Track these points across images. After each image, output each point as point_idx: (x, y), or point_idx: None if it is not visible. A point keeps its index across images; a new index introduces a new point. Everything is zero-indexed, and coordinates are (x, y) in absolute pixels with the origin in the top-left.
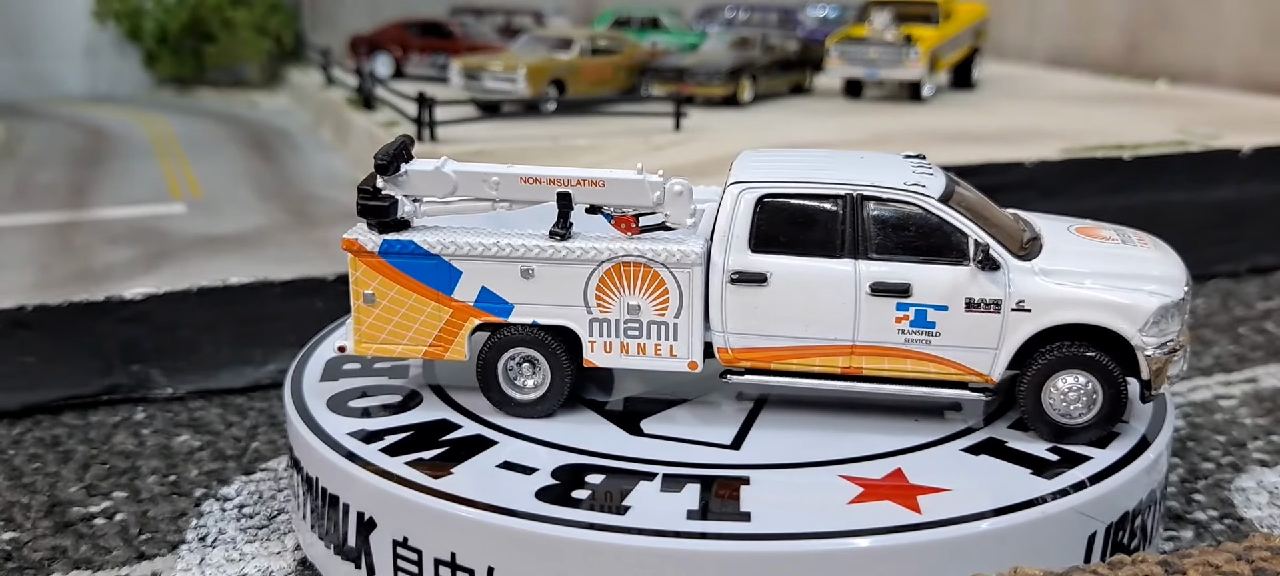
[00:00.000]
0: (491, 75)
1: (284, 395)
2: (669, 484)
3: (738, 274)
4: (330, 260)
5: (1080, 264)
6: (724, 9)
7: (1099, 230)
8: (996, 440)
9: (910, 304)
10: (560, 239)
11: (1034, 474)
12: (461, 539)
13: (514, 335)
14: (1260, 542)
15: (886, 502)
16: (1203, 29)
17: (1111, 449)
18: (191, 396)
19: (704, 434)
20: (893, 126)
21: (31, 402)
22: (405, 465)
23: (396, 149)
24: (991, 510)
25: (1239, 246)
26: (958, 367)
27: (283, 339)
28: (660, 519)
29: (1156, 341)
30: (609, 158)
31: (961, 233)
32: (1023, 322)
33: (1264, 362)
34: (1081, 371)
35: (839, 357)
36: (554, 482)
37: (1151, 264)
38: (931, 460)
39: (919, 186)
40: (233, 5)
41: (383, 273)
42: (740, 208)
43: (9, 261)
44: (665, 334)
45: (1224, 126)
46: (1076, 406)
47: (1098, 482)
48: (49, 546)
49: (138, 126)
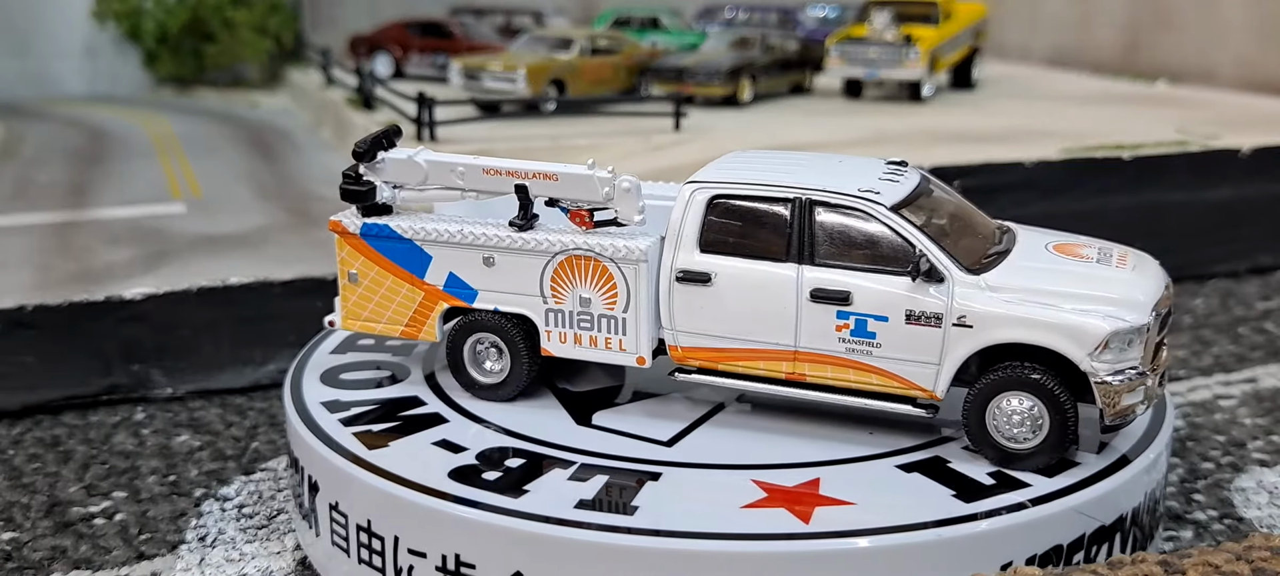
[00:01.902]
0: (491, 75)
1: (284, 395)
2: (581, 473)
3: (683, 272)
4: (330, 260)
5: (1035, 281)
6: (724, 9)
7: (1079, 247)
8: (940, 459)
9: (850, 312)
10: (519, 229)
11: (957, 497)
12: (375, 508)
13: (478, 320)
14: (1260, 542)
15: (780, 510)
16: (1202, 29)
17: (1110, 450)
18: (191, 396)
19: (648, 429)
20: (892, 126)
21: (31, 402)
22: (351, 435)
23: (376, 137)
24: (880, 528)
25: (1239, 246)
26: (900, 381)
27: (283, 339)
28: (548, 505)
29: (1110, 368)
30: (609, 157)
31: (908, 242)
32: (964, 339)
33: (1263, 362)
34: (1027, 394)
35: (783, 363)
36: (474, 463)
37: (1117, 286)
38: (857, 473)
39: (871, 193)
40: (233, 5)
41: (364, 253)
42: (692, 207)
43: (9, 261)
44: (615, 328)
45: (1224, 126)
46: (1021, 431)
47: (1071, 493)
48: (49, 546)
49: (138, 126)
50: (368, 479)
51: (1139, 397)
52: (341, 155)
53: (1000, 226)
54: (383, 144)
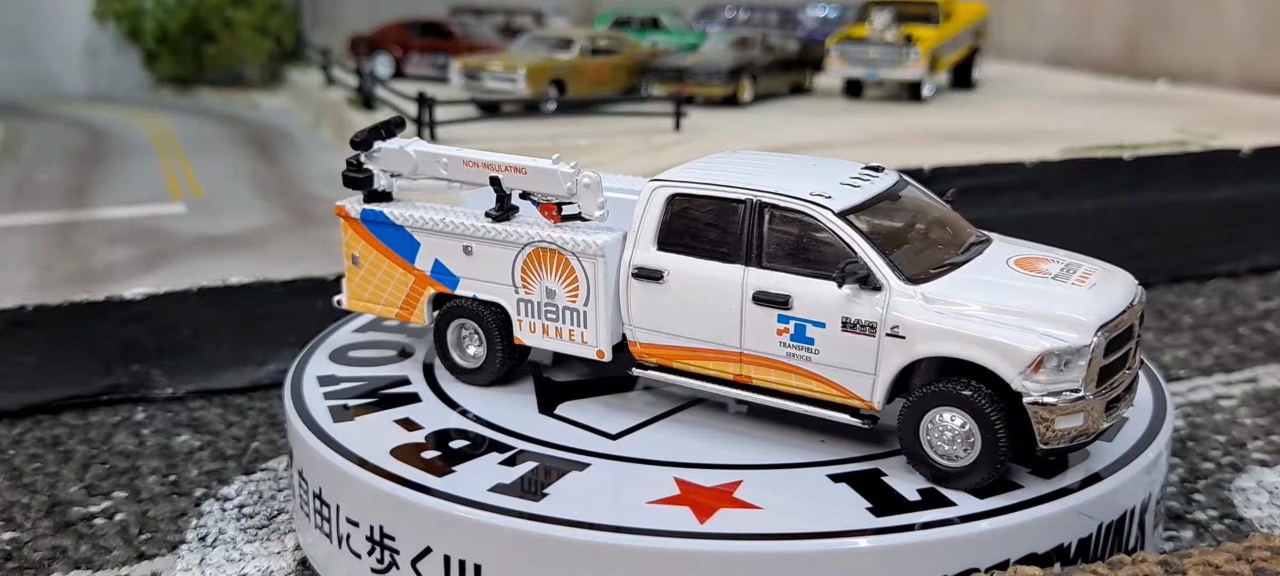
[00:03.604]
0: (491, 75)
1: (284, 395)
2: (515, 459)
3: (639, 269)
4: (331, 260)
5: (976, 294)
6: (724, 9)
7: (1041, 261)
8: (877, 472)
9: (791, 317)
10: (495, 220)
11: (871, 510)
12: (323, 478)
13: (460, 307)
14: (1260, 542)
15: (683, 508)
16: (1202, 29)
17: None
18: (192, 396)
19: (603, 422)
20: (892, 126)
21: (32, 402)
22: (326, 409)
23: (374, 128)
24: (769, 535)
25: (1239, 246)
26: (839, 389)
27: (283, 339)
28: (464, 486)
29: (1044, 389)
30: (609, 157)
31: (849, 249)
32: (897, 350)
33: (1264, 362)
34: (959, 410)
35: (729, 364)
36: (420, 442)
37: (1064, 303)
38: (784, 479)
39: (822, 197)
40: (233, 5)
41: (364, 238)
42: (652, 204)
43: (9, 261)
44: (577, 320)
45: (1224, 126)
46: (954, 448)
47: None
48: (49, 546)
49: (138, 126)
50: (322, 450)
51: (1077, 422)
52: (341, 155)
53: (978, 237)
54: (381, 134)
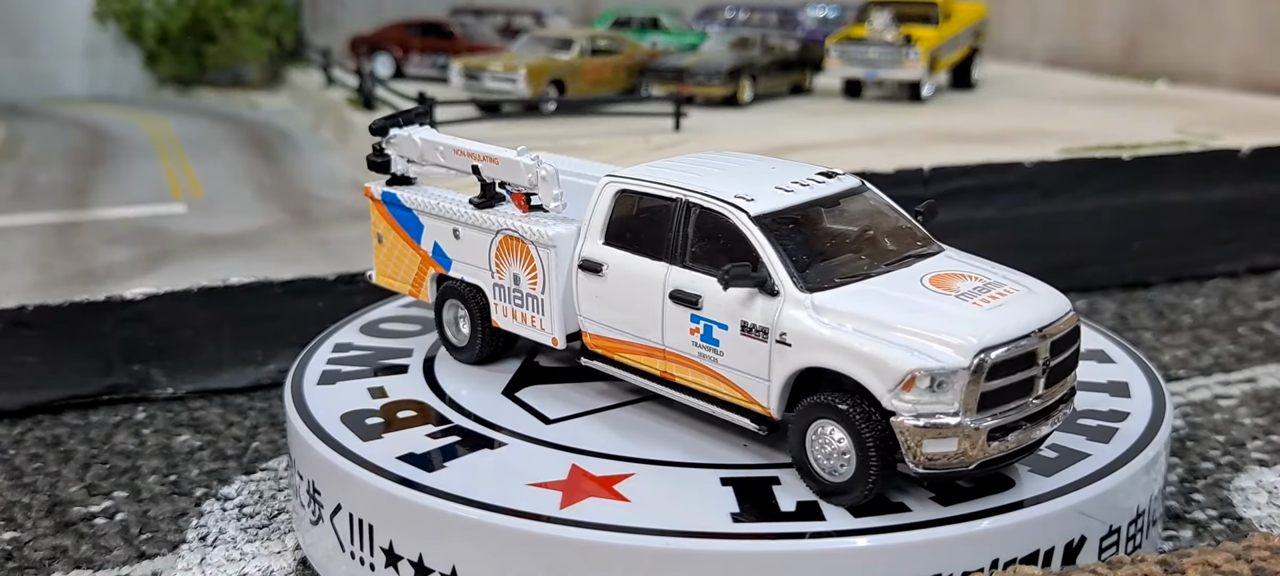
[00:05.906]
0: (491, 75)
1: (284, 395)
2: (440, 435)
3: (583, 261)
4: (331, 260)
5: (867, 306)
6: (724, 9)
7: (955, 278)
8: (771, 481)
9: (701, 317)
10: (477, 207)
11: (733, 516)
12: (291, 442)
13: (452, 287)
14: (1259, 542)
15: (555, 493)
16: (1202, 29)
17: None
18: (192, 396)
19: (548, 408)
20: (892, 127)
21: (32, 402)
22: (319, 376)
23: (392, 116)
24: (617, 526)
25: (1238, 246)
26: (742, 393)
27: (283, 339)
28: (376, 453)
29: (915, 408)
30: (609, 157)
31: (755, 252)
32: (785, 357)
33: (1263, 362)
34: (836, 425)
35: (655, 360)
36: (372, 409)
37: (953, 322)
38: (674, 477)
39: (743, 199)
40: (233, 5)
41: (386, 218)
42: (602, 198)
43: (9, 261)
44: (537, 307)
45: (1223, 126)
46: (834, 462)
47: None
48: (49, 546)
49: (138, 126)
50: (291, 416)
51: (949, 447)
52: (341, 155)
53: (921, 249)
54: (398, 122)
